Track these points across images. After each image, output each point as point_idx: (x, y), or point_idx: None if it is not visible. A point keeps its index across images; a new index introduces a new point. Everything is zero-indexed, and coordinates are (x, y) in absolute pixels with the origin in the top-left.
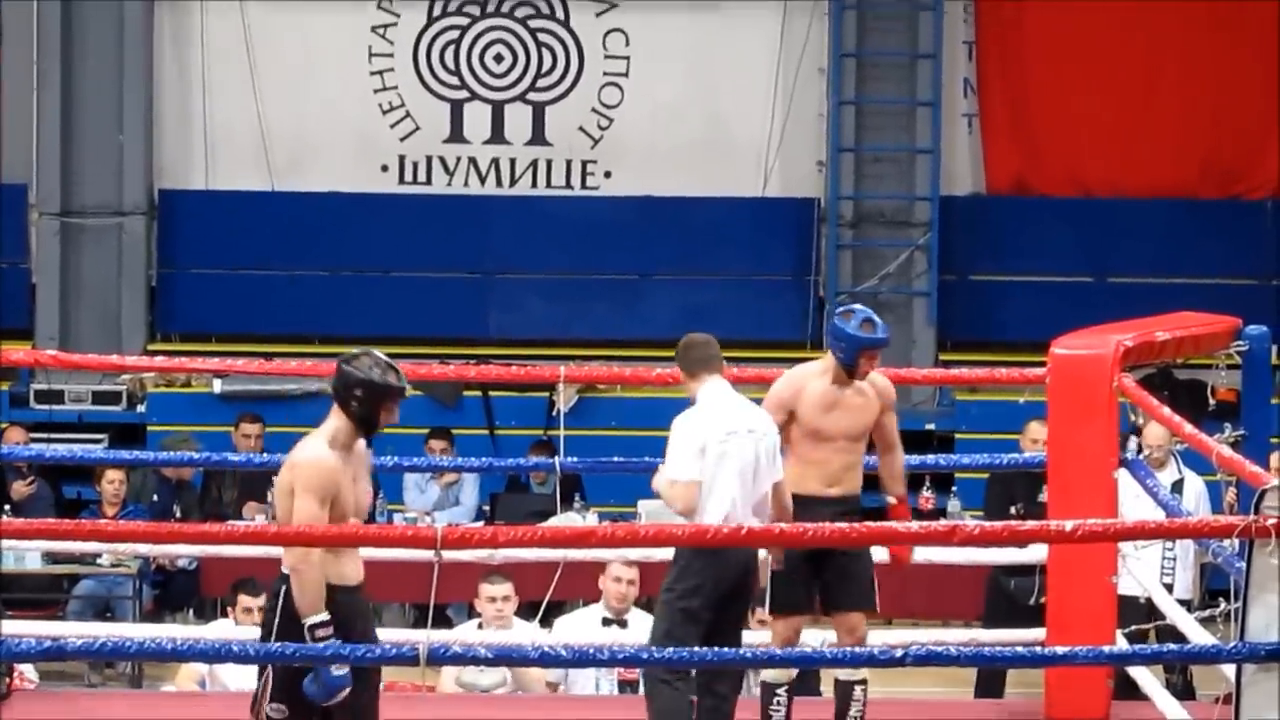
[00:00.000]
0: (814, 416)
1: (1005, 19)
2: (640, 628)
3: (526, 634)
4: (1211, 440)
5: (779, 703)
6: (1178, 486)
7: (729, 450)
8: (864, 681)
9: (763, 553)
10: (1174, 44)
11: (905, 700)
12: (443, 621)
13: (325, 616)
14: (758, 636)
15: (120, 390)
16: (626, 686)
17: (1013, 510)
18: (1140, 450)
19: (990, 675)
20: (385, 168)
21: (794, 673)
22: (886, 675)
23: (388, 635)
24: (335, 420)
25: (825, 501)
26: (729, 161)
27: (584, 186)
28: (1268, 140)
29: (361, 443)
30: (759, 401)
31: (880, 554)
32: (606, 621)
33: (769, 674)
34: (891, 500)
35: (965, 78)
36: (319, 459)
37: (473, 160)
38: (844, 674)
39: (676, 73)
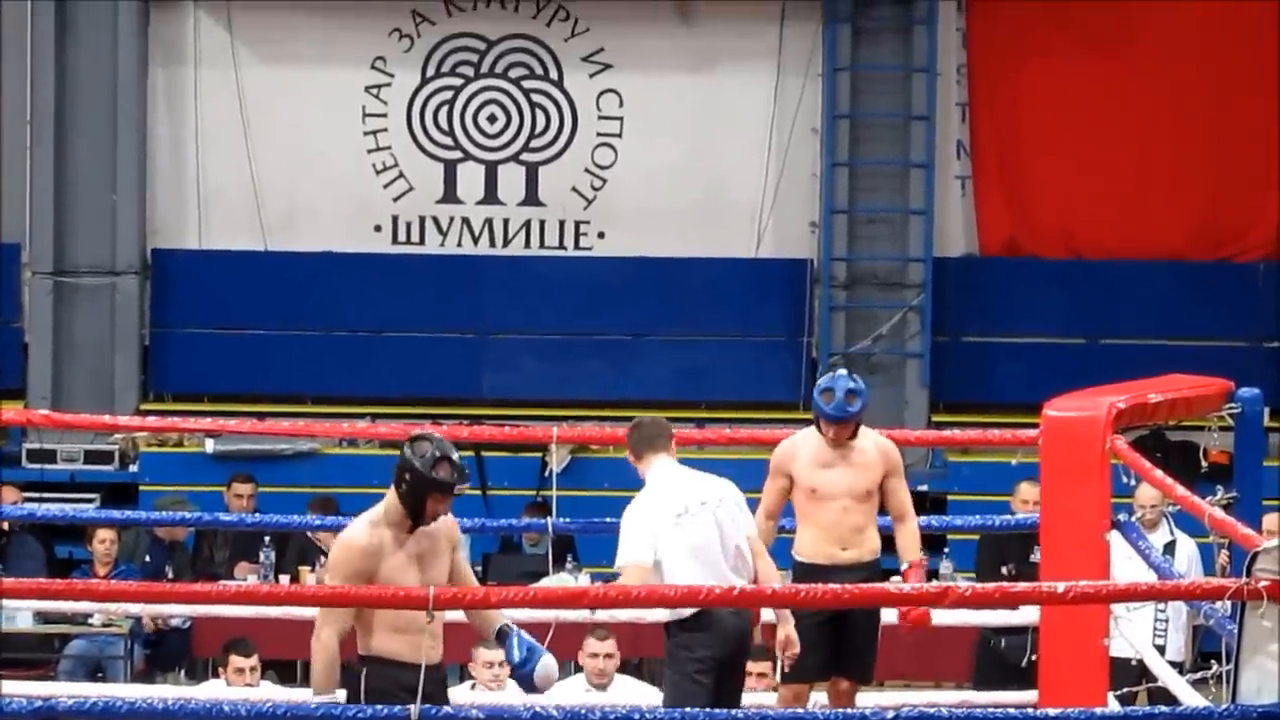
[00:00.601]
0: (809, 474)
1: (998, 81)
2: (623, 693)
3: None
4: (1204, 502)
5: None
6: (1170, 548)
7: (683, 531)
8: None
9: (769, 614)
10: (1167, 107)
11: None
12: None
13: (330, 699)
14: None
15: (113, 450)
16: None
17: (1004, 571)
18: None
19: None
20: (378, 228)
21: None
22: None
23: None
24: (390, 498)
25: (840, 570)
26: (722, 222)
27: (577, 247)
28: (1259, 203)
29: (445, 518)
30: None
31: (889, 616)
32: (589, 691)
33: None
34: (904, 566)
35: (959, 139)
36: (348, 541)
37: (466, 220)
38: None
39: (670, 133)
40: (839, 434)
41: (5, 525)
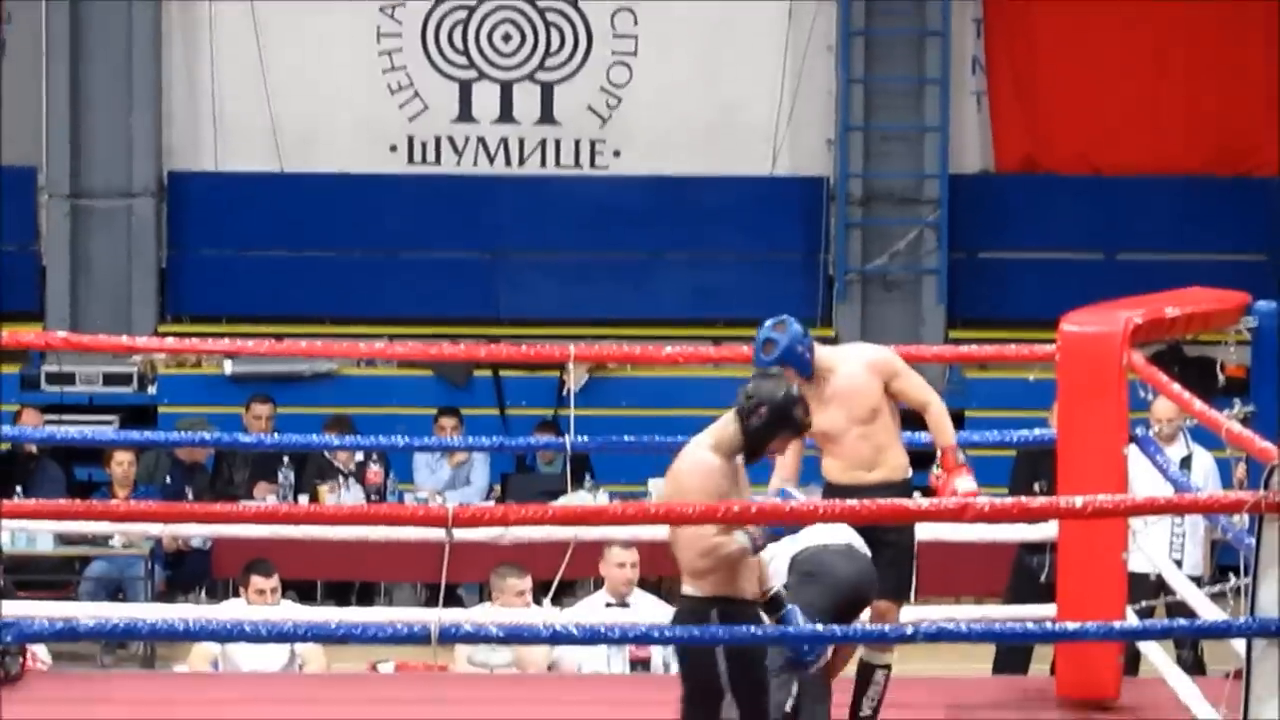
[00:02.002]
0: (812, 420)
1: None
2: (643, 608)
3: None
4: (1221, 416)
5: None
6: (1186, 462)
7: None
8: (888, 667)
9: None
10: (1183, 21)
11: (919, 678)
12: (454, 601)
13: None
14: None
15: (131, 372)
16: (637, 665)
17: (1036, 488)
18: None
19: (1010, 653)
20: (394, 148)
21: (893, 653)
22: (901, 654)
23: (399, 614)
24: (728, 429)
25: (867, 489)
26: (738, 140)
27: (593, 166)
28: (1277, 118)
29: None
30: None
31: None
32: (609, 606)
33: (865, 653)
34: (939, 452)
35: (974, 55)
36: (707, 464)
37: (481, 140)
38: (869, 655)
39: (685, 52)
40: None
41: (28, 449)
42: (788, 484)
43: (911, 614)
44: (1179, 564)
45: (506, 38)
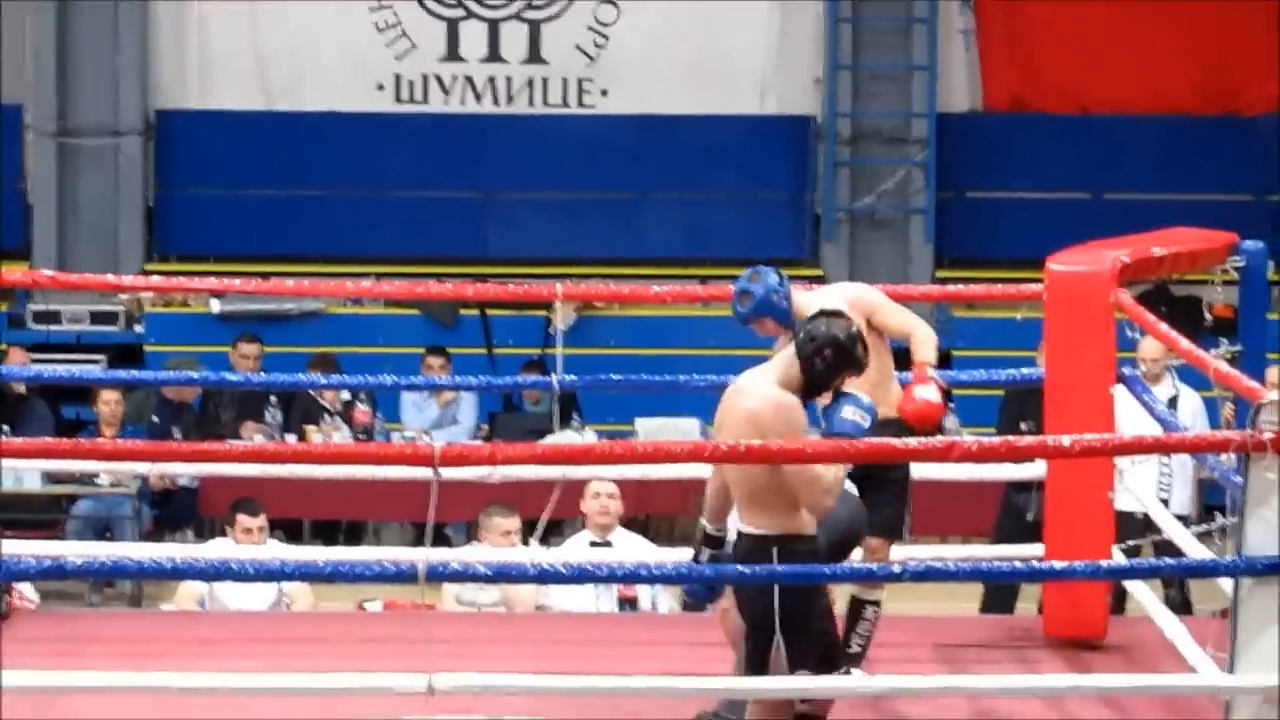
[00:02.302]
0: None
1: None
2: (626, 546)
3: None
4: (1208, 356)
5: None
6: (1173, 402)
7: None
8: (878, 603)
9: None
10: None
11: (906, 617)
12: (441, 540)
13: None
14: None
15: (118, 311)
16: (625, 604)
17: (1023, 427)
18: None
19: (998, 592)
20: (381, 87)
21: (884, 590)
22: (888, 593)
23: (387, 553)
24: (788, 366)
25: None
26: (726, 79)
27: (581, 105)
28: (1265, 57)
29: None
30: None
31: (917, 473)
32: (594, 545)
33: (856, 589)
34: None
35: None
36: (786, 401)
37: (469, 79)
38: (859, 590)
39: None
40: (762, 330)
41: (15, 388)
42: None
43: (899, 553)
44: (1166, 503)
45: None
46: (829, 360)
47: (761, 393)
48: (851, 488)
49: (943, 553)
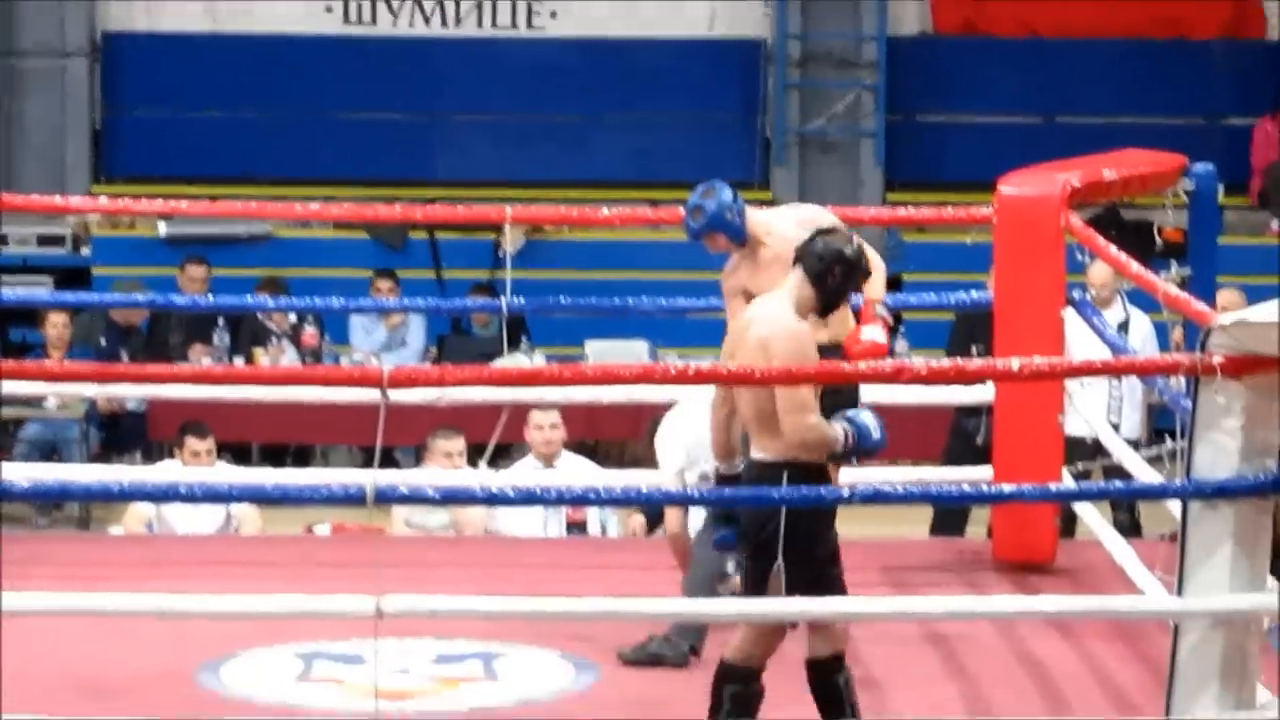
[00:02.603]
0: (753, 281)
1: None
2: (573, 470)
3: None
4: (1158, 279)
5: None
6: (1124, 326)
7: None
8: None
9: None
10: None
11: (855, 541)
12: (390, 463)
13: (839, 434)
14: None
15: (65, 234)
16: (574, 527)
17: (973, 351)
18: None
19: (947, 515)
20: (329, 9)
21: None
22: (838, 517)
23: (335, 476)
24: (800, 290)
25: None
26: (675, 2)
27: (530, 27)
28: None
29: None
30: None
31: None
32: (538, 470)
33: None
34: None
35: None
36: (799, 329)
37: (417, 1)
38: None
39: None
40: (713, 247)
41: None
42: None
43: (848, 476)
44: (1116, 427)
45: None
46: (839, 276)
47: (775, 320)
48: None
49: (891, 476)
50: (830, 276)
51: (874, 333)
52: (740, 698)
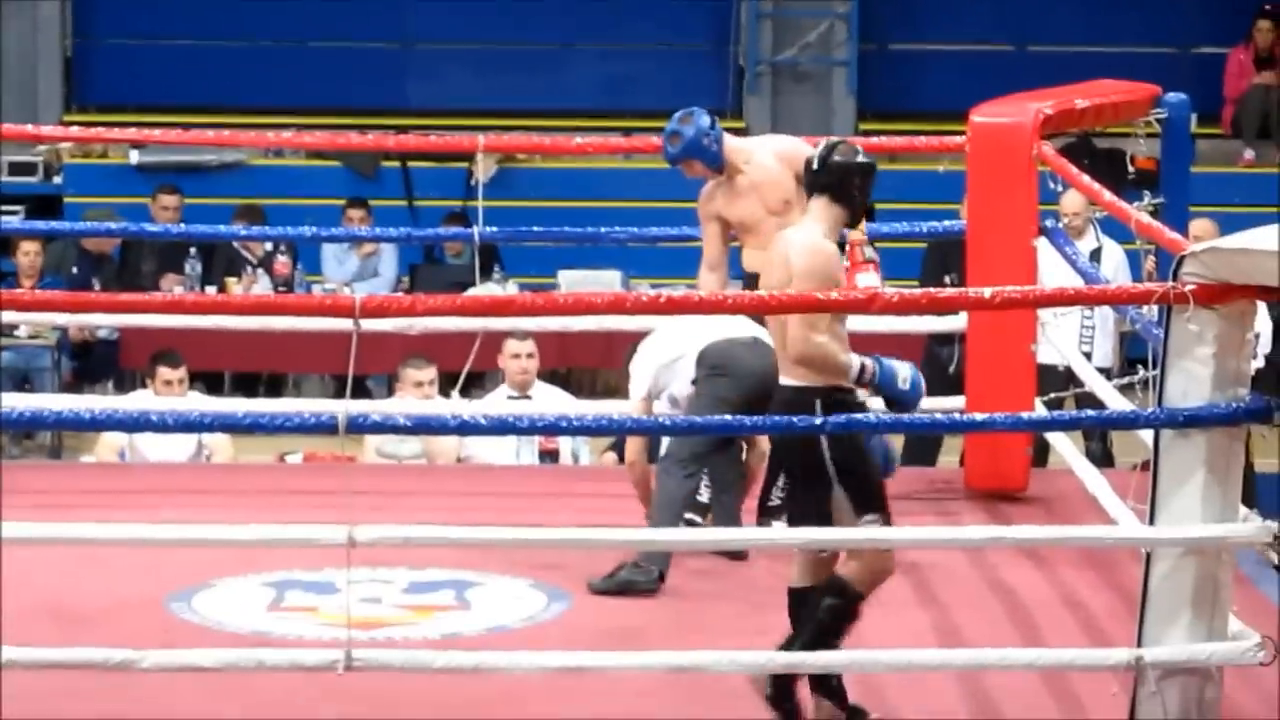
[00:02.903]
0: (729, 209)
1: None
2: (546, 399)
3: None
4: (1131, 208)
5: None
6: (1096, 255)
7: None
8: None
9: None
10: None
11: None
12: (362, 393)
13: (855, 362)
14: None
15: (36, 162)
16: (546, 456)
17: (945, 280)
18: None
19: (919, 443)
20: None
21: None
22: None
23: (307, 405)
24: (826, 211)
25: None
26: None
27: None
28: None
29: None
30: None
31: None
32: (511, 399)
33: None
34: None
35: None
36: (825, 247)
37: None
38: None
39: None
40: (690, 172)
41: None
42: (718, 270)
43: None
44: (1088, 356)
45: None
46: (861, 184)
47: (803, 242)
48: (767, 338)
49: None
50: (853, 188)
51: (868, 278)
52: (838, 610)
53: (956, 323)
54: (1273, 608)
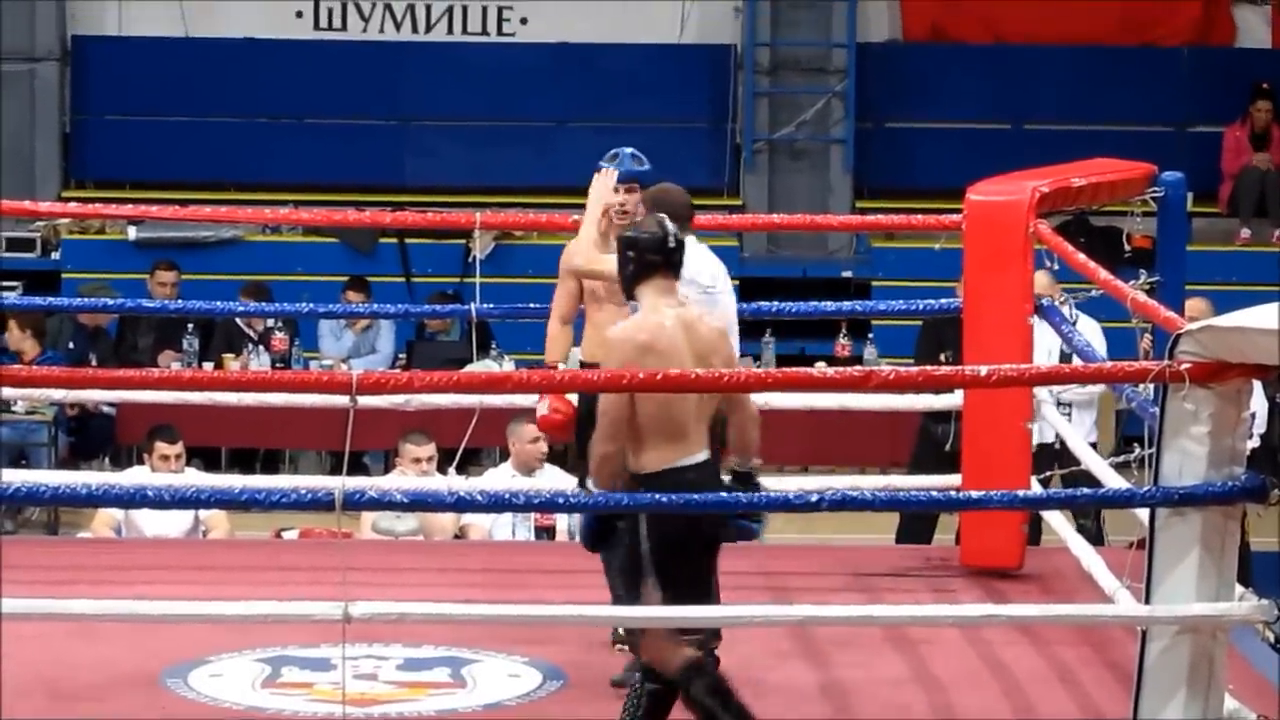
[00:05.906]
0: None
1: None
2: (549, 478)
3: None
4: (1127, 286)
5: None
6: None
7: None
8: None
9: None
10: None
11: (823, 546)
12: (359, 468)
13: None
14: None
15: (34, 238)
16: (543, 533)
17: (942, 358)
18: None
19: (915, 521)
20: (300, 14)
21: None
22: (805, 522)
23: (304, 481)
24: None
25: None
26: (645, 7)
27: (500, 33)
28: None
29: None
30: None
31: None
32: (515, 477)
33: None
34: None
35: None
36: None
37: (388, 6)
38: None
39: None
40: (630, 205)
41: None
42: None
43: (816, 482)
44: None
45: None
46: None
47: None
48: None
49: (860, 482)
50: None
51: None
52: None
53: (953, 400)
54: (1270, 686)
